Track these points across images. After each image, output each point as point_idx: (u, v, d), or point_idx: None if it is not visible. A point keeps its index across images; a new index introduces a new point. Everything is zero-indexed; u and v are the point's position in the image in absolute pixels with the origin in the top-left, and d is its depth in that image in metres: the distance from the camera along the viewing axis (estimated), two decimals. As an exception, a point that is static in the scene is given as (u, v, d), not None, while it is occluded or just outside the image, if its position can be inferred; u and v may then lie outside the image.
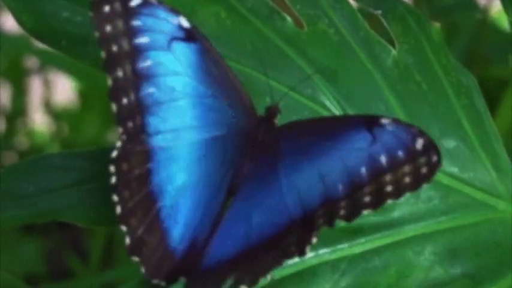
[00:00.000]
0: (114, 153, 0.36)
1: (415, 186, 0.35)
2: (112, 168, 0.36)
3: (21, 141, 1.05)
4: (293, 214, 0.36)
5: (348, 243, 0.39)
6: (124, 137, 0.36)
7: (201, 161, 0.37)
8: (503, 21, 0.82)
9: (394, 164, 0.35)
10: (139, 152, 0.36)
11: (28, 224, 0.38)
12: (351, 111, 0.41)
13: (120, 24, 0.36)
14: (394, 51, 0.42)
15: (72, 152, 0.39)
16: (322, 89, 0.41)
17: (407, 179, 0.35)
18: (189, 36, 0.37)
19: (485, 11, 0.80)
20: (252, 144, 0.38)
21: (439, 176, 0.41)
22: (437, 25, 0.44)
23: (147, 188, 0.36)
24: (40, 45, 0.40)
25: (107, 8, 0.35)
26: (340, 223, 0.36)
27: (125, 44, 0.36)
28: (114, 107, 0.36)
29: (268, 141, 0.38)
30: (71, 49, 0.39)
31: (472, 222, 0.41)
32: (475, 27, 0.80)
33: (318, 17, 0.42)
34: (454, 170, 0.41)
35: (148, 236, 0.36)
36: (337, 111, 0.41)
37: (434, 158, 0.35)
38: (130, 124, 0.36)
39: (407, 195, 0.36)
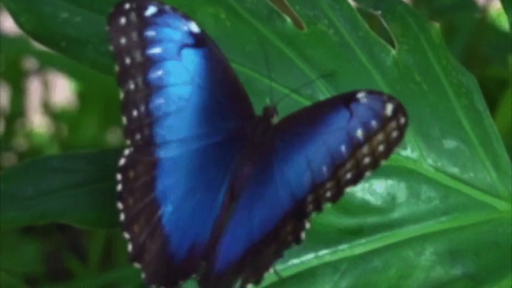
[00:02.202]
0: (121, 162, 0.36)
1: (388, 152, 0.35)
2: (118, 176, 0.36)
3: (20, 143, 1.05)
4: (286, 205, 0.36)
5: (348, 244, 0.39)
6: (132, 147, 0.36)
7: (202, 167, 0.37)
8: (502, 21, 0.82)
9: (369, 135, 0.35)
10: (146, 161, 0.36)
11: (28, 225, 0.38)
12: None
13: (134, 35, 0.35)
14: (393, 52, 0.42)
15: (72, 153, 0.39)
16: (321, 89, 0.41)
17: (381, 147, 0.35)
18: (198, 41, 0.37)
19: (484, 10, 0.80)
20: (251, 146, 0.38)
21: (439, 176, 0.41)
22: (436, 25, 0.44)
23: (151, 195, 0.36)
24: (39, 46, 0.40)
25: (122, 20, 0.35)
26: (339, 223, 0.36)
27: (138, 56, 0.36)
28: (124, 120, 0.36)
29: (265, 142, 0.38)
30: (70, 50, 0.39)
31: (472, 222, 0.41)
32: (475, 27, 0.80)
33: (318, 18, 0.42)
34: (455, 170, 0.41)
35: (150, 243, 0.36)
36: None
37: (403, 120, 0.35)
38: (138, 136, 0.36)
39: (408, 195, 0.36)
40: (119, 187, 0.36)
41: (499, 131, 0.43)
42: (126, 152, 0.36)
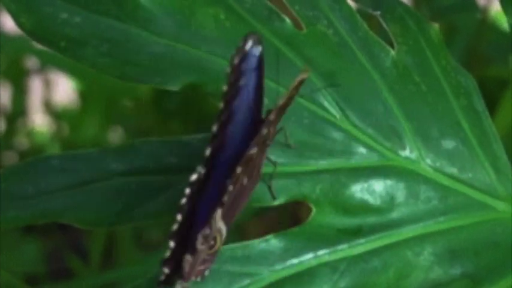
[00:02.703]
0: (193, 177, 0.36)
1: None
2: (187, 191, 0.35)
3: (22, 142, 1.06)
4: None
5: (347, 244, 0.39)
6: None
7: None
8: (503, 21, 0.82)
9: None
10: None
11: (28, 225, 0.38)
12: (349, 112, 0.41)
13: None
14: (393, 52, 0.42)
15: (72, 153, 0.39)
16: (321, 90, 0.41)
17: None
18: (259, 64, 0.37)
19: (484, 11, 0.80)
20: None
21: (438, 177, 0.41)
22: (436, 26, 0.44)
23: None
24: (40, 45, 0.40)
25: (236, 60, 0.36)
26: (339, 223, 0.37)
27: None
28: None
29: None
30: (69, 50, 0.39)
31: (471, 222, 0.41)
32: (475, 28, 0.80)
33: (317, 18, 0.42)
34: (453, 170, 0.42)
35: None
36: (335, 112, 0.41)
37: None
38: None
39: (406, 195, 0.36)
40: (183, 201, 0.35)
41: (498, 131, 0.43)
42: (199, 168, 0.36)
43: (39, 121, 1.08)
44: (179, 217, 0.35)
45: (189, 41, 0.40)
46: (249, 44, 0.36)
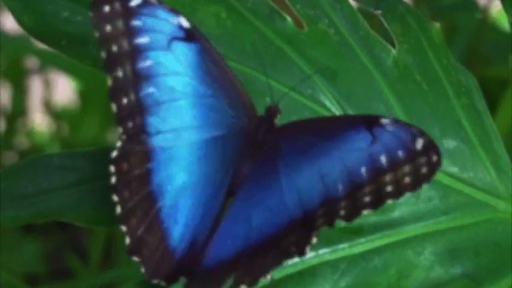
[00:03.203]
0: (114, 153, 0.36)
1: (415, 186, 0.35)
2: (112, 168, 0.36)
3: (21, 141, 1.05)
4: (293, 214, 0.36)
5: (348, 243, 0.39)
6: (124, 137, 0.36)
7: (201, 161, 0.37)
8: (503, 21, 0.82)
9: (394, 164, 0.35)
10: (140, 152, 0.36)
11: (28, 224, 0.38)
12: (350, 111, 0.41)
13: (120, 24, 0.36)
14: (394, 51, 0.42)
15: (72, 152, 0.39)
16: (322, 89, 0.41)
17: (407, 179, 0.35)
18: (189, 36, 0.37)
19: (485, 10, 0.80)
20: (252, 145, 0.38)
21: (439, 176, 0.41)
22: (437, 25, 0.44)
23: (147, 188, 0.36)
24: (40, 45, 0.40)
25: (106, 8, 0.35)
26: (340, 223, 0.36)
27: (125, 44, 0.36)
28: (114, 106, 0.36)
29: (268, 142, 0.38)
30: (71, 49, 0.39)
31: (472, 222, 0.41)
32: (475, 27, 0.80)
33: (318, 17, 0.42)
34: (454, 170, 0.41)
35: (148, 236, 0.36)
36: (337, 111, 0.41)
37: (435, 158, 0.35)
38: (130, 124, 0.36)
39: (407, 195, 0.36)
40: (113, 179, 0.36)
41: (499, 130, 0.43)
42: (119, 143, 0.36)
43: (39, 121, 1.08)
44: (115, 198, 0.36)
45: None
46: None
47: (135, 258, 0.36)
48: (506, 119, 0.62)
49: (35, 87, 1.05)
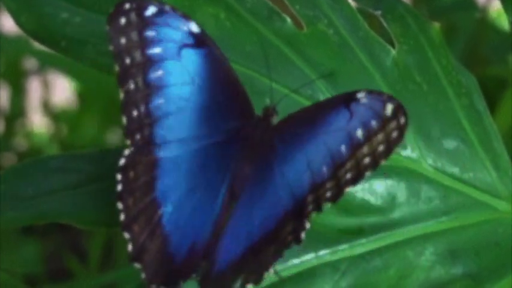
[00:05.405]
0: (121, 162, 0.36)
1: (388, 152, 0.35)
2: (118, 176, 0.36)
3: (20, 143, 1.05)
4: (287, 205, 0.36)
5: (348, 244, 0.39)
6: (132, 147, 0.36)
7: (201, 167, 0.37)
8: (503, 21, 0.82)
9: (369, 135, 0.35)
10: (146, 161, 0.36)
11: (28, 225, 0.38)
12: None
13: (134, 35, 0.36)
14: (393, 52, 0.42)
15: (72, 153, 0.39)
16: (321, 90, 0.41)
17: (381, 147, 0.35)
18: (198, 41, 0.37)
19: (484, 10, 0.80)
20: (251, 146, 0.38)
21: (439, 176, 0.41)
22: (436, 25, 0.44)
23: (151, 195, 0.36)
24: (39, 46, 0.40)
25: (122, 20, 0.35)
26: (340, 223, 0.37)
27: (138, 56, 0.36)
28: (124, 120, 0.36)
29: (265, 142, 0.38)
30: (70, 50, 0.39)
31: (472, 222, 0.41)
32: (475, 27, 0.80)
33: (317, 18, 0.42)
34: (455, 170, 0.41)
35: (150, 243, 0.36)
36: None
37: (403, 120, 0.35)
38: (138, 136, 0.36)
39: (408, 195, 0.36)
40: (119, 187, 0.36)
41: (499, 130, 0.43)
42: (126, 152, 0.36)
43: (37, 122, 1.08)
44: (120, 205, 0.36)
45: (189, 41, 0.40)
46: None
47: (137, 265, 0.36)
48: (506, 119, 0.62)
49: (34, 88, 1.05)
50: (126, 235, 0.36)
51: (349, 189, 0.36)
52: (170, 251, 0.37)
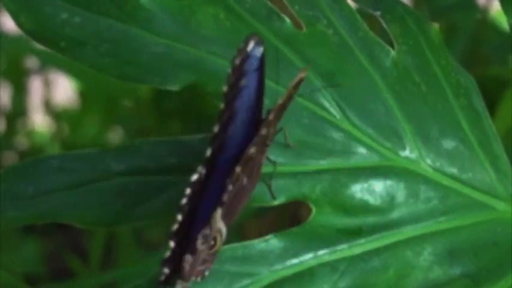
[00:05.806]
0: (194, 177, 0.35)
1: None
2: (188, 191, 0.35)
3: (21, 142, 1.06)
4: None
5: (347, 244, 0.39)
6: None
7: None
8: (503, 21, 0.82)
9: None
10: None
11: (28, 225, 0.38)
12: (349, 112, 0.41)
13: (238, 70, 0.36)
14: (393, 52, 0.42)
15: (72, 153, 0.39)
16: (321, 90, 0.41)
17: None
18: (261, 64, 0.37)
19: (484, 11, 0.80)
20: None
21: (438, 177, 0.41)
22: (436, 25, 0.44)
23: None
24: (40, 45, 0.40)
25: (237, 61, 0.36)
26: (339, 223, 0.37)
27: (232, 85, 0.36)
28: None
29: None
30: (69, 50, 0.39)
31: (471, 222, 0.41)
32: (475, 28, 0.80)
33: (317, 18, 0.42)
34: (453, 170, 0.42)
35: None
36: (336, 112, 0.41)
37: None
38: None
39: (406, 195, 0.36)
40: (184, 200, 0.35)
41: (498, 131, 0.43)
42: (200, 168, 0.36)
43: (39, 121, 1.08)
44: (179, 217, 0.35)
45: (188, 41, 0.40)
46: (251, 45, 0.36)
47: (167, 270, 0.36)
48: (506, 119, 0.62)
49: (35, 87, 1.05)
50: (171, 244, 0.35)
51: (349, 190, 0.36)
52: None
